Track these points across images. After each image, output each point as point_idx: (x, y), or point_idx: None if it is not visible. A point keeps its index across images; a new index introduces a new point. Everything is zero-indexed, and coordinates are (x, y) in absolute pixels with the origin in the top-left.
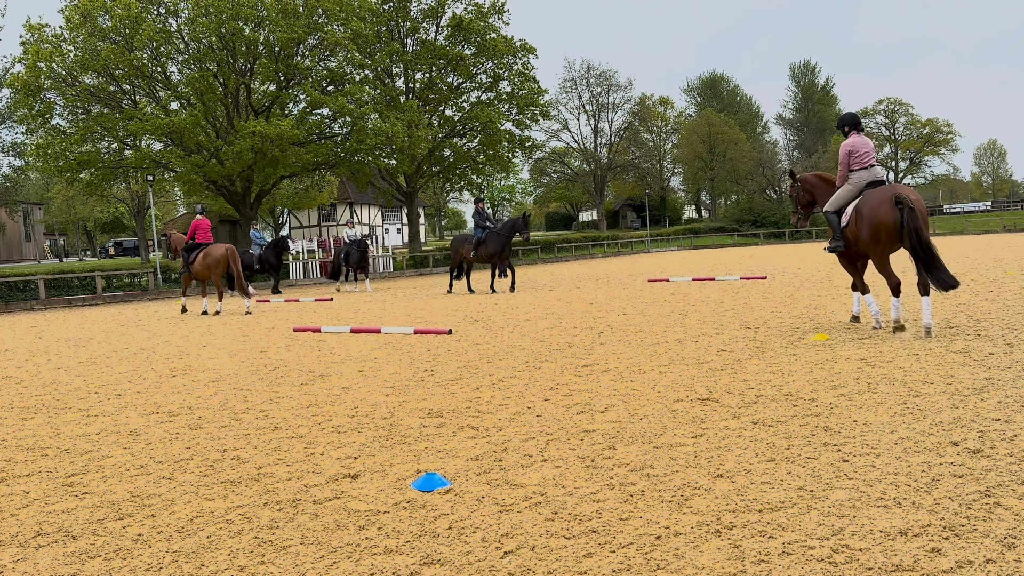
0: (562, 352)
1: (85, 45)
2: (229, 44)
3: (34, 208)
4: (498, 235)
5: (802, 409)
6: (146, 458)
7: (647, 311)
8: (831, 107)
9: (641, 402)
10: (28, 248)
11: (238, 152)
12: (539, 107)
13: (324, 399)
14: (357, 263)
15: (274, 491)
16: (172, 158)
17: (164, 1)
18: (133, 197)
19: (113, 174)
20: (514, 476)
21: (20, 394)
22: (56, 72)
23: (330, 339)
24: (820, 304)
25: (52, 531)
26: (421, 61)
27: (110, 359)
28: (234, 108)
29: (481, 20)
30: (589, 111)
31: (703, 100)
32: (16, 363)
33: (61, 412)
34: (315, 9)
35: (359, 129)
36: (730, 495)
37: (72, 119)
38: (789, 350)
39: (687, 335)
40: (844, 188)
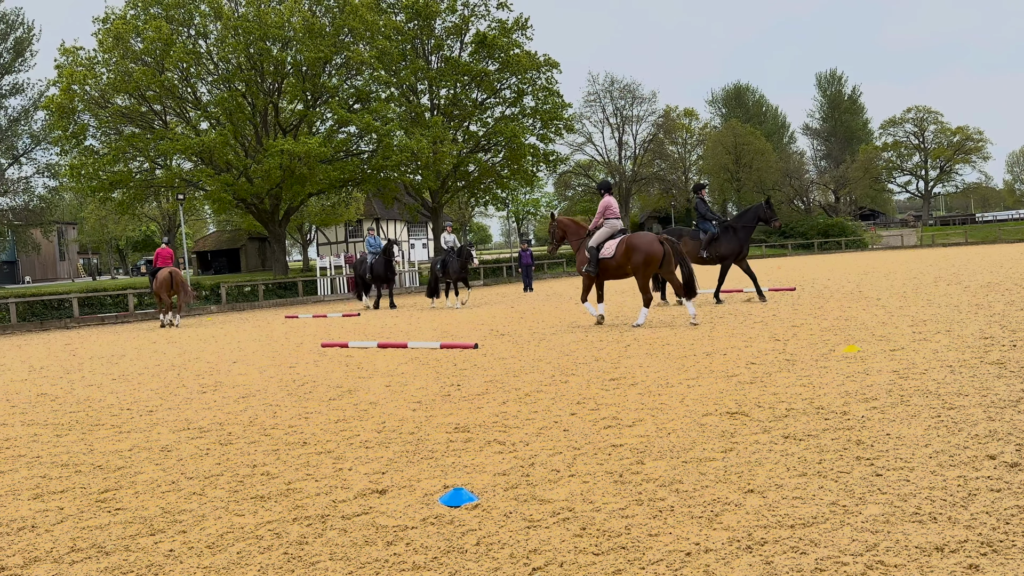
0: (588, 366)
1: (117, 67)
2: (257, 64)
3: (68, 228)
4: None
5: (834, 422)
6: (177, 474)
7: (674, 324)
8: (859, 116)
9: (669, 416)
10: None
11: (267, 170)
12: (563, 121)
13: (352, 414)
14: (458, 274)
15: (303, 506)
16: (202, 177)
17: (194, 23)
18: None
19: (144, 193)
20: (541, 491)
21: (55, 411)
22: (89, 94)
23: (357, 354)
24: (851, 316)
25: (86, 547)
26: (445, 78)
27: (142, 376)
28: (263, 127)
29: (505, 36)
30: (613, 124)
31: (728, 111)
32: (51, 380)
33: (94, 429)
34: (341, 29)
35: (385, 146)
36: (761, 510)
37: (105, 140)
38: (819, 362)
39: (715, 348)
40: (602, 231)
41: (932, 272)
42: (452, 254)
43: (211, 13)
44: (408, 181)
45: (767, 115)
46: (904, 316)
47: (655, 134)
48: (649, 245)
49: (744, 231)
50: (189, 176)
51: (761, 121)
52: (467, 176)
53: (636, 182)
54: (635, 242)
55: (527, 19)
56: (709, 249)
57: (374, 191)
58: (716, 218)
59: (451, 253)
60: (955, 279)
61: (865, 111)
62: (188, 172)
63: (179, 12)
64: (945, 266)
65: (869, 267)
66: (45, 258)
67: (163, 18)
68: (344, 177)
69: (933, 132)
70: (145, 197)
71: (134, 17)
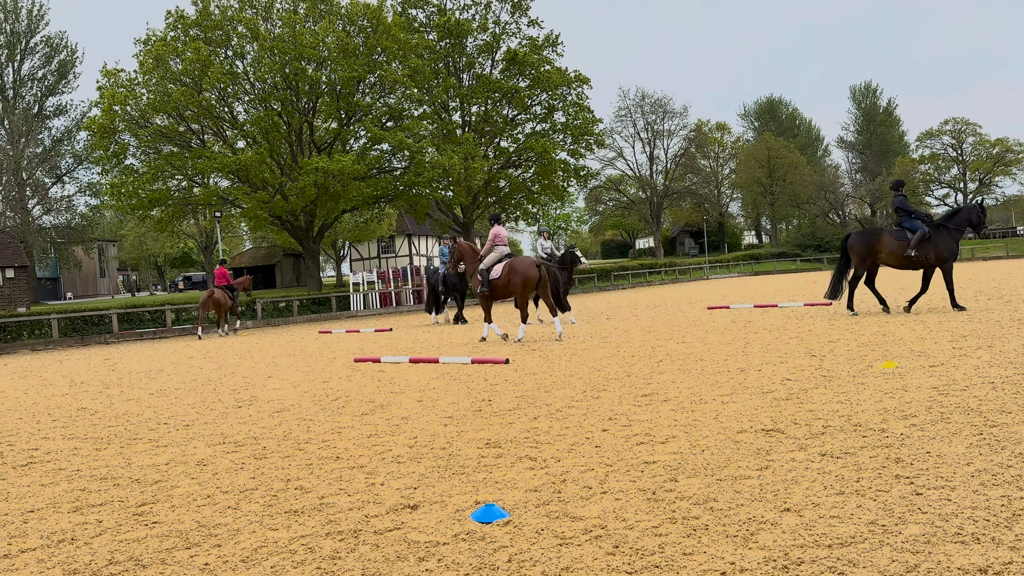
0: (620, 381)
1: (157, 88)
2: (293, 84)
3: (108, 245)
4: None
5: (872, 440)
6: (213, 488)
7: (707, 339)
8: (894, 128)
9: (703, 433)
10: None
11: (302, 188)
12: (594, 136)
13: (384, 429)
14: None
15: (336, 521)
16: (239, 195)
17: (231, 44)
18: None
19: (182, 211)
20: (573, 508)
21: (94, 425)
22: (130, 114)
23: (389, 369)
24: (888, 331)
25: (123, 559)
26: (477, 95)
27: (179, 390)
28: (297, 145)
29: (535, 53)
30: (644, 138)
31: (761, 125)
32: (91, 395)
33: (132, 442)
34: (375, 48)
35: (417, 163)
36: (798, 529)
37: (144, 159)
38: (857, 379)
39: (750, 363)
40: (491, 256)
41: (972, 286)
42: (553, 263)
43: (248, 34)
44: (439, 197)
45: (800, 128)
46: (944, 331)
47: (687, 148)
48: (526, 269)
49: (956, 233)
50: (226, 194)
51: (794, 134)
52: (498, 192)
53: (668, 196)
54: (515, 265)
55: (557, 36)
56: (919, 249)
57: (406, 207)
58: (924, 216)
59: (551, 261)
60: (996, 293)
61: (901, 123)
62: (225, 190)
63: (217, 34)
64: (986, 280)
65: (907, 281)
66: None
67: (201, 40)
68: (377, 194)
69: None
70: (183, 215)
71: (174, 39)
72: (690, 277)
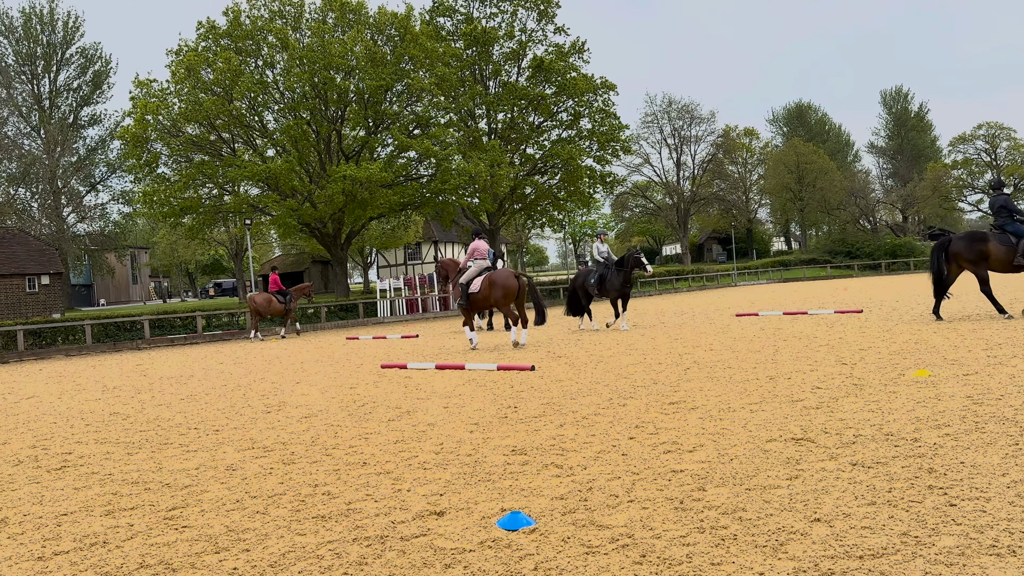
0: (647, 389)
1: (189, 98)
2: (322, 93)
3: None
4: None
5: (904, 450)
6: (242, 493)
7: (735, 347)
8: (926, 133)
9: (731, 441)
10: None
11: (330, 195)
12: (620, 142)
13: (410, 435)
14: (619, 290)
15: (363, 527)
16: (268, 202)
17: (262, 54)
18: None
19: (213, 218)
20: (600, 516)
21: (126, 430)
22: (162, 124)
23: (416, 375)
24: (921, 339)
25: (154, 563)
26: (503, 102)
27: (209, 396)
28: (326, 153)
29: (561, 60)
30: (671, 144)
31: (790, 130)
32: (123, 400)
33: (163, 447)
34: (402, 57)
35: (443, 170)
36: (828, 540)
37: (176, 167)
38: (888, 387)
39: (779, 371)
40: (471, 269)
41: (1008, 294)
42: (610, 267)
43: (278, 44)
44: (466, 204)
45: (830, 133)
46: (978, 339)
47: (714, 154)
48: (505, 280)
49: None
50: (256, 202)
51: (824, 140)
52: (524, 198)
53: (695, 202)
54: (494, 278)
55: (584, 43)
56: None
57: (432, 214)
58: None
59: (608, 266)
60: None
61: (933, 128)
62: (255, 198)
63: (247, 44)
64: (1020, 287)
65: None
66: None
67: (232, 50)
68: (404, 201)
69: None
70: (214, 222)
71: (205, 49)
72: (718, 284)
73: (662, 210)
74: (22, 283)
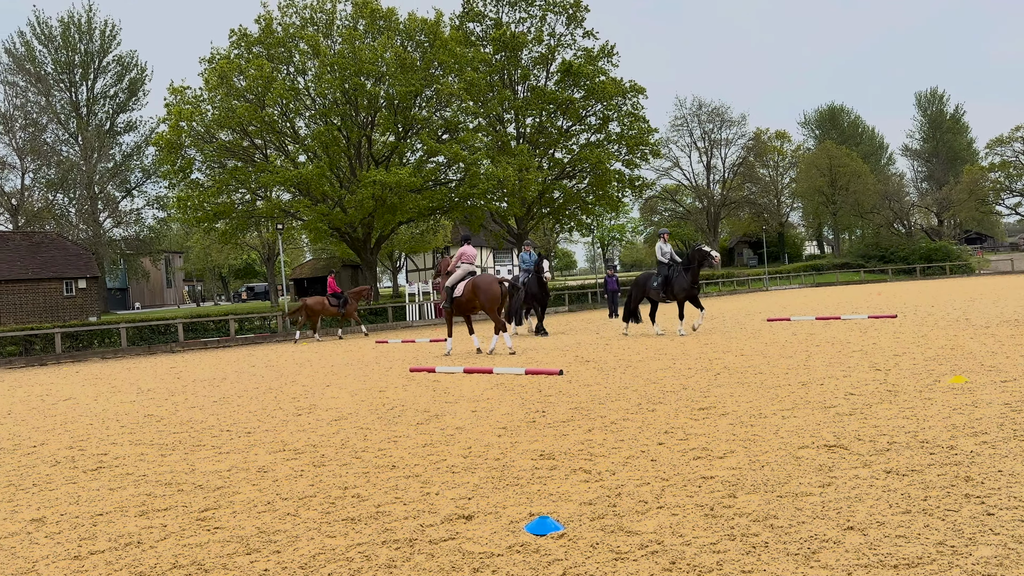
0: (676, 394)
1: (222, 104)
2: (352, 99)
3: (175, 256)
4: None
5: (940, 457)
6: (273, 495)
7: (767, 352)
8: (962, 136)
9: (763, 448)
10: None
11: (360, 200)
12: (649, 146)
13: (439, 439)
14: (687, 291)
15: (392, 530)
16: (300, 207)
17: (293, 61)
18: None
19: (246, 223)
20: (629, 523)
21: (160, 431)
22: (196, 130)
23: (444, 379)
24: (957, 344)
25: (186, 564)
26: (532, 106)
27: (241, 398)
28: (356, 159)
29: (590, 64)
30: (701, 148)
31: (822, 133)
32: (157, 402)
33: (196, 449)
34: (431, 62)
35: (472, 175)
36: (861, 549)
37: (209, 173)
38: (924, 394)
39: (811, 377)
40: (457, 273)
41: None
42: (676, 267)
43: (309, 51)
44: (494, 208)
45: (863, 136)
46: (1016, 345)
47: (745, 157)
48: (489, 285)
49: None
50: (288, 207)
51: (857, 143)
52: (552, 203)
53: (725, 206)
54: (478, 283)
55: (613, 46)
56: None
57: (461, 218)
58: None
59: (674, 266)
60: None
61: (969, 130)
62: (287, 203)
63: (279, 51)
64: None
65: (976, 293)
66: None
67: (264, 57)
68: (432, 205)
69: None
70: (247, 227)
71: (238, 57)
72: (749, 288)
73: (692, 214)
74: (59, 287)
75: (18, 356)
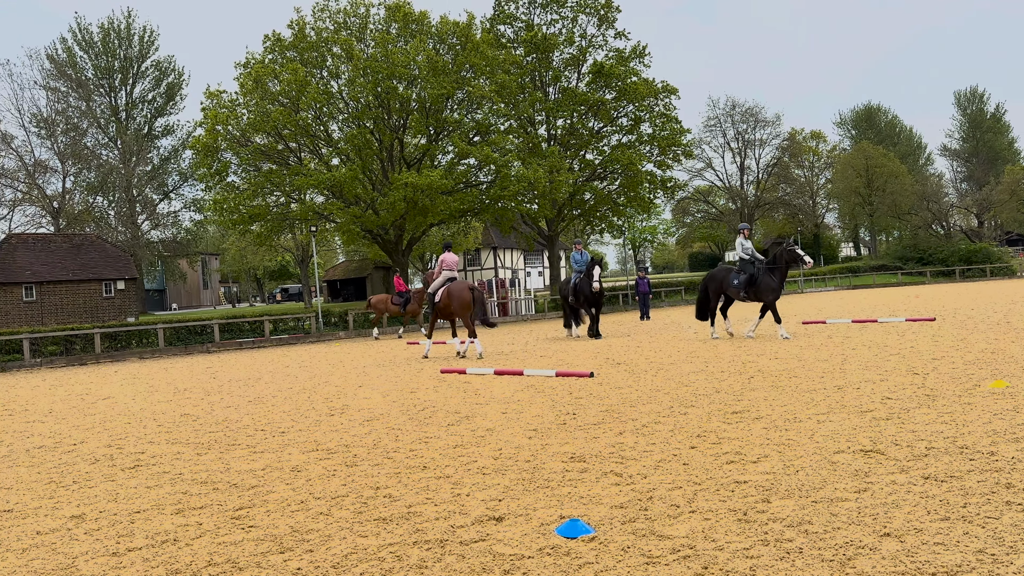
0: (709, 398)
1: (257, 108)
2: (384, 102)
3: (211, 258)
4: None
5: (980, 463)
6: (306, 494)
7: (802, 355)
8: (1003, 135)
9: (797, 452)
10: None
11: (392, 203)
12: (681, 147)
13: (469, 440)
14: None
15: (423, 530)
16: (333, 210)
17: (327, 65)
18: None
19: (280, 225)
20: (660, 526)
21: (196, 431)
22: (231, 134)
23: (475, 380)
24: (998, 348)
25: (221, 561)
26: (563, 108)
27: (275, 398)
28: (388, 161)
29: (622, 65)
30: (735, 148)
31: (858, 133)
32: (193, 401)
33: (231, 448)
34: (463, 65)
35: (503, 176)
36: (899, 556)
37: (245, 176)
38: (963, 398)
39: (847, 381)
40: (438, 280)
41: None
42: (759, 265)
43: (343, 55)
44: (524, 210)
45: (900, 136)
46: None
47: (780, 158)
48: (460, 292)
49: None
50: (321, 209)
51: (894, 143)
52: (583, 204)
53: (759, 207)
54: (451, 290)
55: (644, 47)
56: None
57: (492, 220)
58: None
59: (756, 263)
60: None
61: (1011, 130)
62: (320, 205)
63: (313, 55)
64: None
65: (1018, 296)
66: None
67: (298, 61)
68: (463, 207)
69: None
70: (281, 229)
71: (272, 61)
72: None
73: (725, 215)
74: (99, 288)
75: (59, 356)
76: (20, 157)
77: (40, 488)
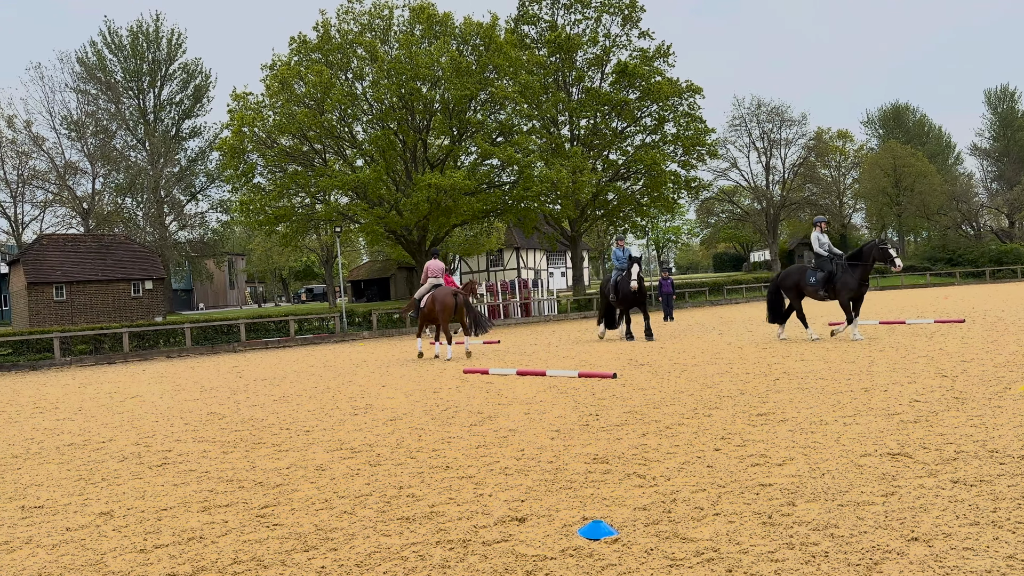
0: (733, 399)
1: (283, 110)
2: (408, 103)
3: (237, 258)
4: None
5: (1010, 468)
6: (330, 493)
7: (828, 357)
8: None
9: (823, 455)
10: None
11: (415, 203)
12: (706, 147)
13: (492, 440)
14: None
15: (446, 530)
16: (357, 210)
17: (351, 67)
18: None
19: (306, 226)
20: (684, 529)
21: (222, 429)
22: (257, 135)
23: (497, 381)
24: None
25: (246, 559)
26: (586, 108)
27: (300, 397)
28: (412, 162)
29: (646, 64)
30: (760, 148)
31: (886, 132)
32: (219, 400)
33: (256, 447)
34: (486, 66)
35: (526, 177)
36: (926, 561)
37: (270, 177)
38: (993, 401)
39: (874, 383)
40: (424, 286)
41: None
42: (836, 260)
43: (367, 57)
44: (547, 211)
45: (929, 135)
46: None
47: (806, 157)
48: (444, 298)
49: None
50: (346, 210)
51: (923, 142)
52: (606, 204)
53: (785, 207)
54: (435, 295)
55: (669, 46)
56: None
57: (515, 221)
58: None
59: (833, 259)
60: None
61: None
62: (345, 206)
63: (338, 57)
64: None
65: None
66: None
67: (323, 63)
68: (486, 208)
69: None
70: (306, 230)
71: (297, 63)
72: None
73: (750, 215)
74: (127, 288)
75: (88, 355)
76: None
77: (70, 485)
